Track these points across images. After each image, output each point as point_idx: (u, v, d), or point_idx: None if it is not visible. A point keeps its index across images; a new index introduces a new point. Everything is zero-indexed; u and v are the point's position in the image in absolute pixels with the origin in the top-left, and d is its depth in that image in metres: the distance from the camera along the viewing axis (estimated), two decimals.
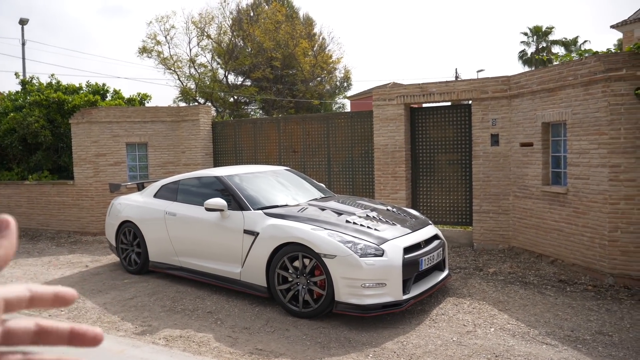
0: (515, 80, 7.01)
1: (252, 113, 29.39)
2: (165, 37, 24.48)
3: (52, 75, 10.62)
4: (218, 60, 27.12)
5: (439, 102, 7.74)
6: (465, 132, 7.78)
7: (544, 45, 41.74)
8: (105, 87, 11.14)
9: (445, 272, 5.38)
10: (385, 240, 4.71)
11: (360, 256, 4.48)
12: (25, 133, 9.53)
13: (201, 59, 26.58)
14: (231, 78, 27.78)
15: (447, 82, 7.56)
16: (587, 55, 5.92)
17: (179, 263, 6.03)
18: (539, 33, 42.06)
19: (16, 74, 10.47)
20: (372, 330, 4.47)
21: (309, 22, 30.45)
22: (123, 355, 4.14)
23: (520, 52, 42.95)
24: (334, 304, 4.57)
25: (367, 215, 5.25)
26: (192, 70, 25.82)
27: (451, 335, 4.33)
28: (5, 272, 7.07)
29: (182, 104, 26.10)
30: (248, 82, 28.12)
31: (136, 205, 6.62)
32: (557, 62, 6.47)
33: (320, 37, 30.84)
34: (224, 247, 5.46)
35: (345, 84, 32.63)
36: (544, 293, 5.39)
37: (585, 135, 5.88)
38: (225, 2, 28.37)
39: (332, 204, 5.64)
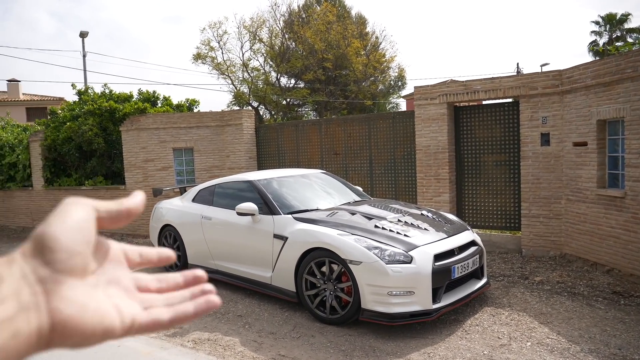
0: (568, 75, 6.54)
1: (305, 115, 29.62)
2: (219, 43, 25.16)
3: (105, 84, 11.15)
4: (271, 63, 27.53)
5: (484, 100, 7.38)
6: (514, 132, 7.36)
7: (619, 34, 38.89)
8: (156, 95, 11.55)
9: (483, 281, 5.09)
10: (414, 247, 4.52)
11: (387, 263, 4.32)
12: (80, 141, 10.06)
13: (254, 63, 27.07)
14: (284, 81, 28.12)
15: (492, 78, 7.19)
16: None
17: (215, 266, 6.11)
18: (612, 22, 39.21)
19: (73, 85, 11.08)
20: (400, 339, 4.30)
21: (361, 21, 30.29)
22: (151, 356, 4.23)
23: (591, 42, 40.26)
24: (360, 311, 4.44)
25: (398, 220, 5.07)
26: (245, 74, 26.37)
27: (483, 348, 4.08)
28: None
29: (236, 108, 26.69)
30: (301, 84, 28.34)
31: (176, 209, 6.78)
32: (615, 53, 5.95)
33: (374, 36, 30.57)
34: (256, 251, 5.47)
35: (399, 83, 32.14)
36: (593, 305, 4.97)
37: None
38: (275, 5, 28.72)
39: (364, 208, 5.50)
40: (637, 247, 5.56)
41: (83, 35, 19.60)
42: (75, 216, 0.42)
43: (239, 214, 5.50)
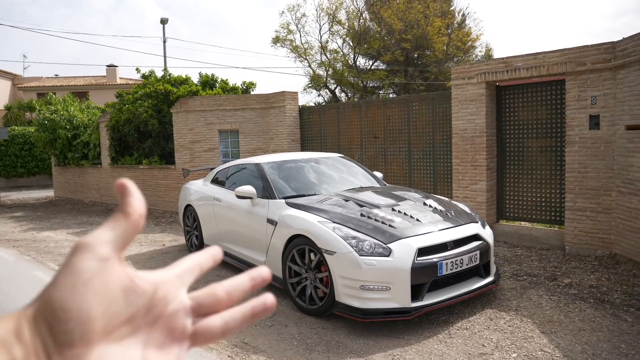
0: (622, 47, 5.60)
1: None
2: (297, 26, 25.30)
3: (165, 69, 11.62)
4: (351, 43, 27.15)
5: (526, 78, 6.58)
6: (561, 113, 6.51)
7: None
8: (214, 78, 11.83)
9: (487, 280, 4.55)
10: (397, 239, 4.14)
11: (362, 255, 4.01)
12: (138, 122, 10.62)
13: (332, 45, 26.92)
14: (362, 61, 27.63)
15: (535, 53, 6.38)
16: None
17: (223, 248, 6.13)
18: None
19: (137, 69, 11.69)
20: (372, 337, 3.99)
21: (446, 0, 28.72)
22: None
23: None
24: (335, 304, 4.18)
25: (392, 209, 4.69)
26: (324, 57, 26.29)
27: (458, 355, 3.64)
28: None
29: (313, 92, 26.79)
30: (382, 66, 27.67)
31: (197, 190, 6.90)
32: None
33: (460, 14, 28.91)
34: (254, 235, 5.39)
35: None
36: (618, 316, 4.25)
37: None
38: None
39: (363, 194, 5.16)
40: None
41: (163, 22, 20.65)
42: (85, 273, 0.37)
43: (238, 196, 5.44)
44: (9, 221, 11.18)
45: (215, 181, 6.67)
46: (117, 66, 28.70)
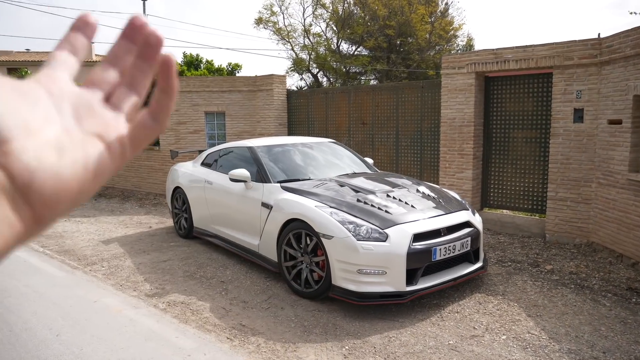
0: (608, 44, 5.78)
1: (365, 83, 28.94)
2: (280, 8, 25.02)
3: None
4: (334, 28, 27.01)
5: (515, 70, 6.73)
6: (547, 106, 6.70)
7: None
8: (199, 58, 11.67)
9: (476, 265, 4.72)
10: (393, 224, 4.26)
11: (359, 239, 4.11)
12: None
13: (316, 29, 26.76)
14: (345, 47, 27.55)
15: (525, 46, 6.52)
16: None
17: (214, 231, 6.16)
18: None
19: None
20: (367, 320, 4.11)
21: None
22: (119, 314, 4.34)
23: None
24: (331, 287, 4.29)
25: (387, 195, 4.80)
26: (307, 40, 26.11)
27: (451, 337, 3.80)
28: (81, 227, 7.88)
29: (295, 75, 26.64)
30: (363, 52, 27.64)
31: (186, 172, 6.87)
32: None
33: (443, 3, 29.02)
34: (247, 218, 5.43)
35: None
36: (598, 301, 4.48)
37: None
38: None
39: (357, 180, 5.26)
40: None
41: None
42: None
43: (232, 179, 5.46)
44: None
45: (205, 164, 6.66)
46: (93, 42, 27.85)
